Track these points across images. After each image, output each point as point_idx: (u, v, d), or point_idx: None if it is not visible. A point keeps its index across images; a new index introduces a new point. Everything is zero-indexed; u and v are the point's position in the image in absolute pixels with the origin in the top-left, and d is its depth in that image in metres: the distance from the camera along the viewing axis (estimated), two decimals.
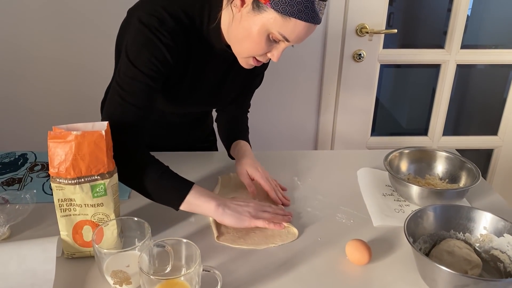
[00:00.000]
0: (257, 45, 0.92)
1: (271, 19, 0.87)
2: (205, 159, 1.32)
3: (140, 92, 0.96)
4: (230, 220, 0.95)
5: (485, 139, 2.25)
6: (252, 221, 0.95)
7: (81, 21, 1.82)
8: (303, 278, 0.86)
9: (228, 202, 0.97)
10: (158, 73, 0.97)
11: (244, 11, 0.90)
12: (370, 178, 1.21)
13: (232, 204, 0.97)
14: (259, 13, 0.87)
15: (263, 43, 0.91)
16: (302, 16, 0.85)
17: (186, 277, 0.74)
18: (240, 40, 0.94)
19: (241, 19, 0.91)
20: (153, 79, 0.96)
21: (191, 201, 0.94)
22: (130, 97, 0.95)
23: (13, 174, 1.19)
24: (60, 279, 0.82)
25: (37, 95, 1.94)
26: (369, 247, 0.89)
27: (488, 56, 2.08)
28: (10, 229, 0.95)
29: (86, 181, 0.83)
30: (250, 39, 0.92)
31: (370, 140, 2.19)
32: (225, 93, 1.19)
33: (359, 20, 1.92)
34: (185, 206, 0.95)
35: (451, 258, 0.86)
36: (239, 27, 0.92)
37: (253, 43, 0.92)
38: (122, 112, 0.96)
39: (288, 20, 0.86)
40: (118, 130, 0.92)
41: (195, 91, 1.11)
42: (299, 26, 0.87)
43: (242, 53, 0.97)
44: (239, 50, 0.97)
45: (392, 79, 2.26)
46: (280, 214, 1.01)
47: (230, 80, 1.16)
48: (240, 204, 0.98)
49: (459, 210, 0.94)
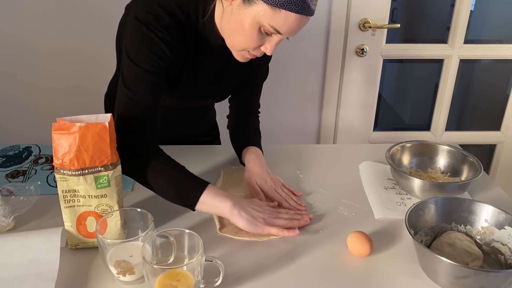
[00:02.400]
0: (249, 38, 0.91)
1: (261, 12, 0.86)
2: (208, 152, 1.33)
3: (145, 90, 0.96)
4: (244, 223, 0.93)
5: (487, 135, 2.25)
6: (265, 228, 0.93)
7: (85, 15, 1.82)
8: (305, 270, 0.87)
9: (245, 205, 0.95)
10: (160, 68, 0.97)
11: (235, 4, 0.90)
12: (372, 171, 1.21)
13: (249, 208, 0.95)
14: (249, 6, 0.87)
15: (255, 36, 0.91)
16: (292, 8, 0.84)
17: (188, 267, 0.75)
18: (232, 34, 0.94)
19: (232, 13, 0.91)
20: (155, 75, 0.97)
21: (206, 201, 0.93)
22: (136, 96, 0.96)
23: (17, 166, 1.20)
24: (64, 269, 0.83)
25: (41, 89, 1.95)
26: (370, 239, 0.90)
27: (491, 51, 2.07)
28: (15, 220, 0.96)
29: (89, 172, 0.83)
30: (241, 33, 0.91)
31: (373, 135, 2.20)
32: (224, 86, 1.19)
33: (362, 15, 1.91)
34: (200, 206, 0.94)
35: (452, 250, 0.87)
36: (231, 20, 0.92)
37: (245, 36, 0.91)
38: (132, 112, 0.96)
39: (278, 12, 0.85)
40: (129, 130, 0.94)
41: (194, 86, 1.12)
42: (290, 18, 0.86)
43: (235, 47, 0.97)
44: (232, 43, 0.97)
45: (395, 74, 2.26)
46: (297, 219, 0.99)
47: (228, 74, 1.16)
48: (256, 209, 0.96)
49: (460, 202, 0.94)
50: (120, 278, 0.80)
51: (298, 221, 0.99)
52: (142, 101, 0.96)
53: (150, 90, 0.97)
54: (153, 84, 0.97)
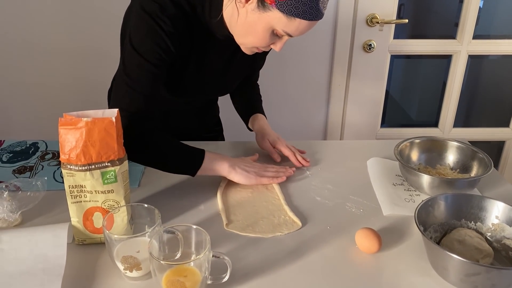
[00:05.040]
0: (261, 40, 0.95)
1: (276, 19, 0.89)
2: (211, 148, 1.32)
3: (145, 79, 0.99)
4: (239, 178, 1.08)
5: (496, 131, 2.23)
6: (258, 179, 1.09)
7: (91, 10, 1.82)
8: (312, 266, 0.86)
9: (239, 162, 1.10)
10: (162, 61, 0.99)
11: (249, 7, 0.91)
12: (380, 167, 1.20)
13: (242, 165, 1.10)
14: (264, 12, 0.89)
15: (267, 38, 0.95)
16: (306, 16, 0.88)
17: (196, 262, 0.74)
18: (244, 34, 0.97)
19: (247, 16, 0.92)
20: (157, 66, 0.98)
21: (206, 167, 1.05)
22: (136, 84, 0.98)
23: (24, 162, 1.20)
24: (71, 265, 0.83)
25: (47, 85, 1.96)
26: (379, 235, 0.89)
27: (500, 46, 2.05)
28: (22, 216, 0.96)
29: (96, 167, 0.83)
30: (254, 34, 0.94)
31: (380, 131, 2.18)
32: (230, 79, 1.21)
33: (369, 10, 1.90)
34: (201, 172, 1.05)
35: (462, 247, 0.86)
36: (244, 22, 0.94)
37: (257, 37, 0.95)
38: (130, 100, 0.98)
39: (293, 20, 0.88)
40: (127, 116, 0.95)
41: (200, 78, 1.12)
42: (303, 24, 0.90)
43: (246, 45, 1.00)
44: (242, 41, 1.00)
45: (403, 70, 2.24)
46: (282, 171, 1.13)
47: (234, 67, 1.17)
48: (248, 165, 1.11)
49: (470, 199, 0.93)
50: (127, 273, 0.80)
51: (284, 172, 1.13)
52: (141, 90, 0.99)
53: (150, 80, 0.99)
54: (153, 74, 0.99)
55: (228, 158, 1.09)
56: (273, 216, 1.00)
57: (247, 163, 1.12)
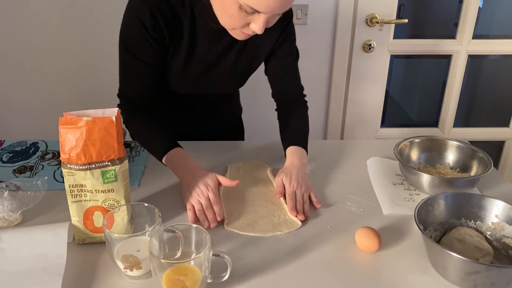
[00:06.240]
0: (233, 18, 0.90)
1: None
2: (214, 147, 1.32)
3: (138, 73, 1.07)
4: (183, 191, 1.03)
5: (496, 131, 2.23)
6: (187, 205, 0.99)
7: (92, 11, 1.82)
8: (312, 265, 0.86)
9: (190, 178, 1.01)
10: (148, 52, 1.04)
11: None
12: (380, 167, 1.20)
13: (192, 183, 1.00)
14: None
15: (237, 15, 0.89)
16: None
17: (196, 261, 0.74)
18: (219, 14, 0.95)
19: None
20: (146, 59, 1.05)
21: (167, 164, 1.07)
22: (131, 78, 1.07)
23: (24, 162, 1.20)
24: (71, 264, 0.83)
25: (48, 85, 1.96)
26: (379, 234, 0.89)
27: (500, 46, 2.05)
28: (22, 215, 0.96)
29: (96, 167, 0.83)
30: (225, 12, 0.91)
31: (380, 132, 2.18)
32: (234, 68, 1.17)
33: (369, 10, 1.90)
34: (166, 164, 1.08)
35: (462, 246, 0.86)
36: (216, 1, 0.94)
37: (229, 15, 0.91)
38: (130, 94, 1.08)
39: None
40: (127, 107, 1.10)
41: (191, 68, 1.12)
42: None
43: (226, 26, 0.97)
44: (222, 23, 0.97)
45: (403, 70, 2.24)
46: (211, 216, 0.96)
47: (234, 56, 1.14)
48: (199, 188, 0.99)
49: (470, 198, 0.93)
50: (127, 272, 0.80)
51: (204, 218, 0.96)
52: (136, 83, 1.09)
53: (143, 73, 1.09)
54: (145, 67, 1.07)
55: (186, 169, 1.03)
56: (273, 216, 1.00)
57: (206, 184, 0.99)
